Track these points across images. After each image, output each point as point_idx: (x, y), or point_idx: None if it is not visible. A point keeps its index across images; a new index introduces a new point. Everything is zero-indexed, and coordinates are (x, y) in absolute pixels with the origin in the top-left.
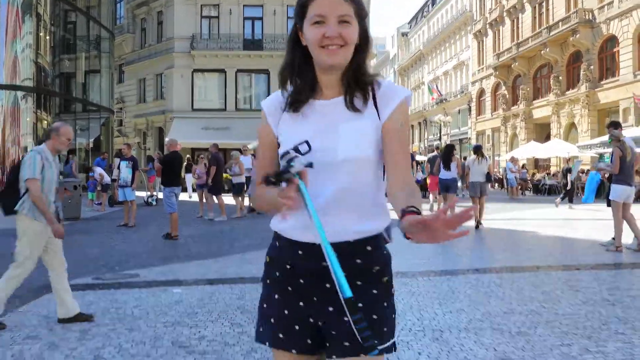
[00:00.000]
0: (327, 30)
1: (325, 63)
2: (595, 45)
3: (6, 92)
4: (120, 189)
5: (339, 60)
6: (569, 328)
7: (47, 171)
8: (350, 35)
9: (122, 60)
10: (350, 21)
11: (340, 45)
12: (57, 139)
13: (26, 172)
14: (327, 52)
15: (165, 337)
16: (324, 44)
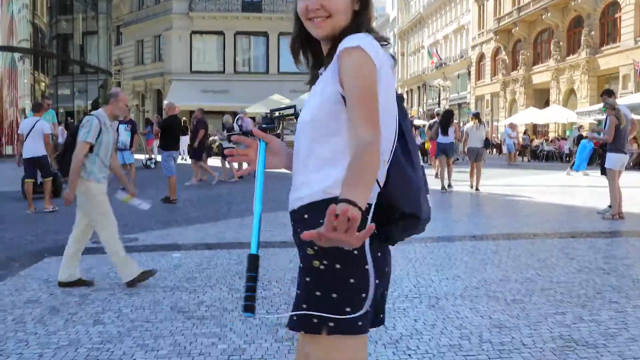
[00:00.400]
0: (309, 2)
1: (314, 35)
2: (596, 10)
3: (3, 53)
4: (118, 152)
5: (325, 32)
6: (563, 296)
7: (104, 135)
8: (334, 4)
9: (119, 21)
10: None
11: (325, 17)
12: (115, 104)
13: (81, 135)
14: (313, 25)
15: (164, 302)
16: (309, 16)
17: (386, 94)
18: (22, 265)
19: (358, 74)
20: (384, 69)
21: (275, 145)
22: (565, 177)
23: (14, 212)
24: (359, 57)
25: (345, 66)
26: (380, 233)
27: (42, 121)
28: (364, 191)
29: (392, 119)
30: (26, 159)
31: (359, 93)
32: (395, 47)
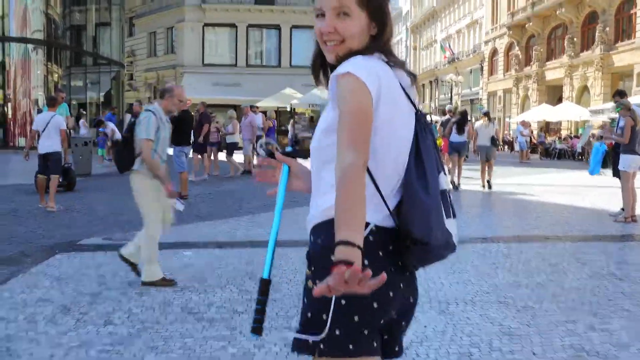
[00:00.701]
0: (322, 25)
1: (328, 60)
2: (611, 6)
3: (17, 44)
4: None
5: (336, 57)
6: (574, 303)
7: (161, 131)
8: (348, 29)
9: (132, 12)
10: (349, 13)
11: (339, 42)
12: (170, 99)
13: (141, 132)
14: (327, 49)
15: (174, 303)
16: (323, 39)
17: (390, 116)
18: (34, 261)
19: (346, 100)
20: (385, 92)
21: (298, 169)
22: (577, 177)
23: (26, 205)
24: (348, 83)
25: (337, 93)
26: (395, 258)
27: (57, 116)
28: (355, 223)
29: (400, 143)
30: (40, 154)
31: (344, 118)
32: (408, 41)
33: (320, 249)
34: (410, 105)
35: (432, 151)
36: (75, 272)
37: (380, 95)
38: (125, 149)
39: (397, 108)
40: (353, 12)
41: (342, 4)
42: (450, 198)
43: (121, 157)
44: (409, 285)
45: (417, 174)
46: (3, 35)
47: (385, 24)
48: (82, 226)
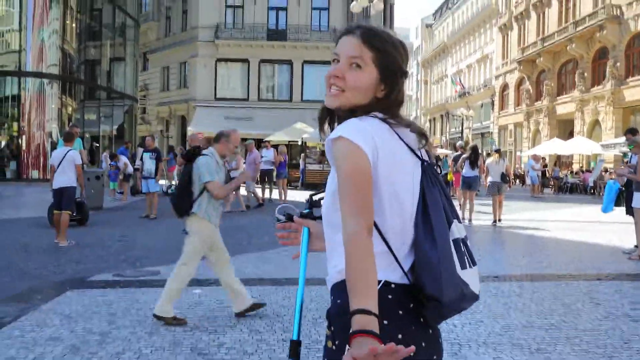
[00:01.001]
0: (335, 68)
1: (326, 104)
2: (622, 41)
3: (33, 78)
4: (143, 180)
5: (334, 104)
6: (589, 346)
7: (217, 174)
8: (355, 80)
9: (146, 48)
10: (361, 65)
11: (341, 90)
12: (226, 144)
13: (205, 176)
14: (328, 93)
15: (184, 343)
16: (330, 82)
17: (391, 173)
18: (44, 298)
19: (341, 164)
20: (382, 149)
21: (318, 230)
22: (590, 212)
23: (38, 240)
24: (342, 147)
25: (333, 157)
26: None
27: (73, 152)
28: (367, 291)
29: (405, 199)
30: (55, 189)
31: (342, 184)
32: (419, 75)
33: (338, 309)
34: (415, 159)
35: (440, 203)
36: (85, 310)
37: (378, 153)
38: (183, 193)
39: (397, 164)
40: (366, 67)
41: (359, 55)
42: (466, 246)
43: (180, 202)
44: (432, 342)
45: (425, 230)
46: (19, 70)
47: (394, 90)
48: (92, 261)
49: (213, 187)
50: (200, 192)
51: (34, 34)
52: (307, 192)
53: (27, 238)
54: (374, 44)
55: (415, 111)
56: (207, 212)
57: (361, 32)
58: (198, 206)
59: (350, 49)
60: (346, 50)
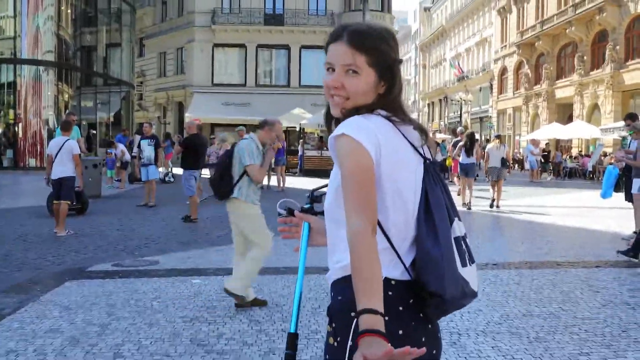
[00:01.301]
0: (330, 79)
1: (332, 114)
2: (622, 24)
3: (28, 66)
4: (142, 167)
5: (340, 113)
6: (587, 334)
7: (257, 159)
8: (355, 87)
9: (142, 33)
10: (358, 71)
11: (345, 97)
12: (268, 132)
13: (247, 159)
14: (332, 103)
15: (184, 334)
16: (330, 93)
17: (393, 171)
18: (43, 289)
19: (344, 162)
20: (385, 147)
21: (319, 225)
22: (589, 197)
23: (37, 229)
24: (345, 144)
25: (336, 154)
26: (416, 311)
27: (70, 141)
28: (373, 290)
29: (407, 196)
30: (54, 179)
31: (345, 182)
32: (417, 59)
33: (340, 305)
34: (418, 157)
35: (442, 201)
36: (84, 301)
37: (380, 151)
38: (224, 176)
39: (400, 162)
40: (362, 71)
41: (352, 62)
42: (466, 244)
43: (220, 186)
44: (432, 337)
45: (427, 228)
46: (15, 57)
47: (394, 83)
48: (91, 251)
49: (253, 170)
50: (240, 176)
51: (29, 20)
52: (305, 179)
53: (25, 228)
54: (364, 47)
55: (414, 95)
56: (248, 195)
57: (349, 38)
58: (239, 190)
59: (342, 57)
60: (338, 59)
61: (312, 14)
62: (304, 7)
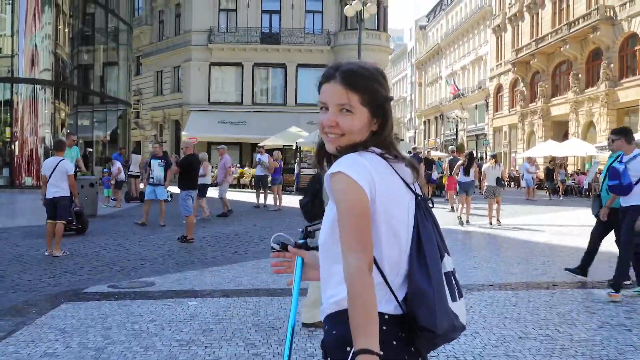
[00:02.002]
0: (324, 118)
1: (327, 150)
2: (615, 42)
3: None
4: (149, 187)
5: (335, 149)
6: (584, 357)
7: None
8: (349, 125)
9: (139, 52)
10: (352, 110)
11: (339, 135)
12: None
13: None
14: (327, 140)
15: (180, 358)
16: (324, 131)
17: (387, 207)
18: (39, 311)
19: (339, 199)
20: (380, 184)
21: (312, 260)
22: (585, 216)
23: (32, 250)
24: (340, 182)
25: (332, 191)
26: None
27: (64, 161)
28: (371, 330)
29: (400, 232)
30: (49, 199)
31: (341, 219)
32: (413, 77)
33: (335, 340)
34: (410, 194)
35: (433, 236)
36: (80, 324)
37: (375, 188)
38: (315, 200)
39: (394, 199)
40: (355, 110)
41: (346, 102)
42: (455, 279)
43: (311, 207)
44: None
45: (419, 264)
46: (12, 77)
47: (386, 120)
48: (87, 272)
49: None
50: None
51: (26, 38)
52: (301, 197)
53: (21, 249)
54: (357, 86)
55: (410, 113)
56: None
57: (342, 78)
58: None
59: (336, 97)
60: (332, 98)
61: (309, 32)
62: (300, 25)
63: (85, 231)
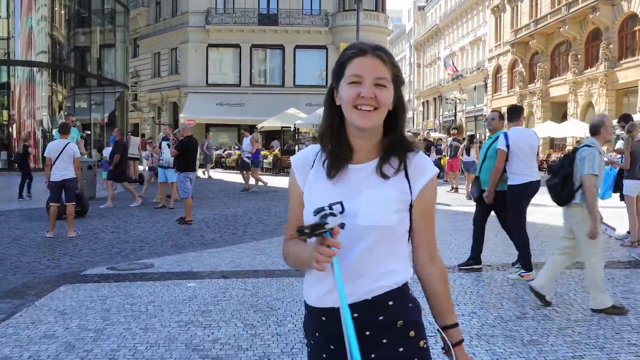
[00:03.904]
0: (363, 90)
1: (357, 124)
2: (615, 23)
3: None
4: (160, 169)
5: (370, 123)
6: (580, 337)
7: (602, 166)
8: (385, 98)
9: (136, 34)
10: (386, 85)
11: (374, 108)
12: (605, 131)
13: (586, 168)
14: (359, 114)
15: (179, 339)
16: (358, 103)
17: None
18: (38, 293)
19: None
20: None
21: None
22: None
23: (32, 232)
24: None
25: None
26: None
27: (71, 144)
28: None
29: None
30: (55, 181)
31: (433, 218)
32: (411, 58)
33: (417, 311)
34: None
35: None
36: (79, 305)
37: None
38: (565, 182)
39: None
40: (388, 84)
41: (383, 76)
42: None
43: (562, 191)
44: None
45: None
46: (8, 59)
47: (401, 98)
48: (86, 254)
49: (587, 181)
50: (581, 183)
51: (22, 21)
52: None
53: (20, 231)
54: (390, 62)
55: (408, 94)
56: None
57: (377, 52)
58: (580, 197)
59: (375, 71)
60: (370, 72)
61: (307, 13)
62: (298, 6)
63: (86, 214)
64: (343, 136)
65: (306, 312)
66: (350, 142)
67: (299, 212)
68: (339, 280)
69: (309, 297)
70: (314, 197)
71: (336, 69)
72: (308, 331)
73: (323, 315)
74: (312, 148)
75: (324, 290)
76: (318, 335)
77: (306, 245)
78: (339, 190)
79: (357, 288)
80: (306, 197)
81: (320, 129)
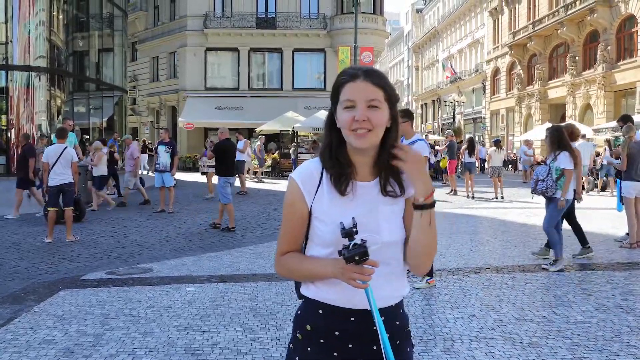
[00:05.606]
0: (356, 114)
1: (355, 146)
2: (613, 24)
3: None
4: (157, 173)
5: (367, 144)
6: (580, 339)
7: None
8: (379, 119)
9: (135, 38)
10: (379, 106)
11: (368, 130)
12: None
13: None
14: (355, 136)
15: (178, 343)
16: (354, 127)
17: None
18: (37, 299)
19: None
20: None
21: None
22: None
23: (30, 237)
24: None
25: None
26: None
27: (69, 149)
28: None
29: None
30: (54, 186)
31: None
32: (410, 61)
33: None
34: None
35: None
36: (78, 310)
37: None
38: None
39: None
40: (381, 105)
41: (375, 98)
42: None
43: None
44: None
45: None
46: (7, 64)
47: (395, 117)
48: (85, 259)
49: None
50: None
51: (20, 25)
52: None
53: (18, 236)
54: (381, 83)
55: (407, 97)
56: None
57: (367, 75)
58: None
59: (366, 94)
60: (361, 95)
61: (305, 17)
62: (296, 10)
63: (82, 219)
64: (344, 154)
65: (320, 311)
66: (352, 159)
67: (298, 226)
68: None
69: (325, 296)
70: (334, 212)
71: (332, 93)
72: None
73: (352, 316)
74: (313, 163)
75: (352, 292)
76: (338, 334)
77: (321, 259)
78: (356, 208)
79: (381, 295)
80: (321, 212)
81: (322, 149)
